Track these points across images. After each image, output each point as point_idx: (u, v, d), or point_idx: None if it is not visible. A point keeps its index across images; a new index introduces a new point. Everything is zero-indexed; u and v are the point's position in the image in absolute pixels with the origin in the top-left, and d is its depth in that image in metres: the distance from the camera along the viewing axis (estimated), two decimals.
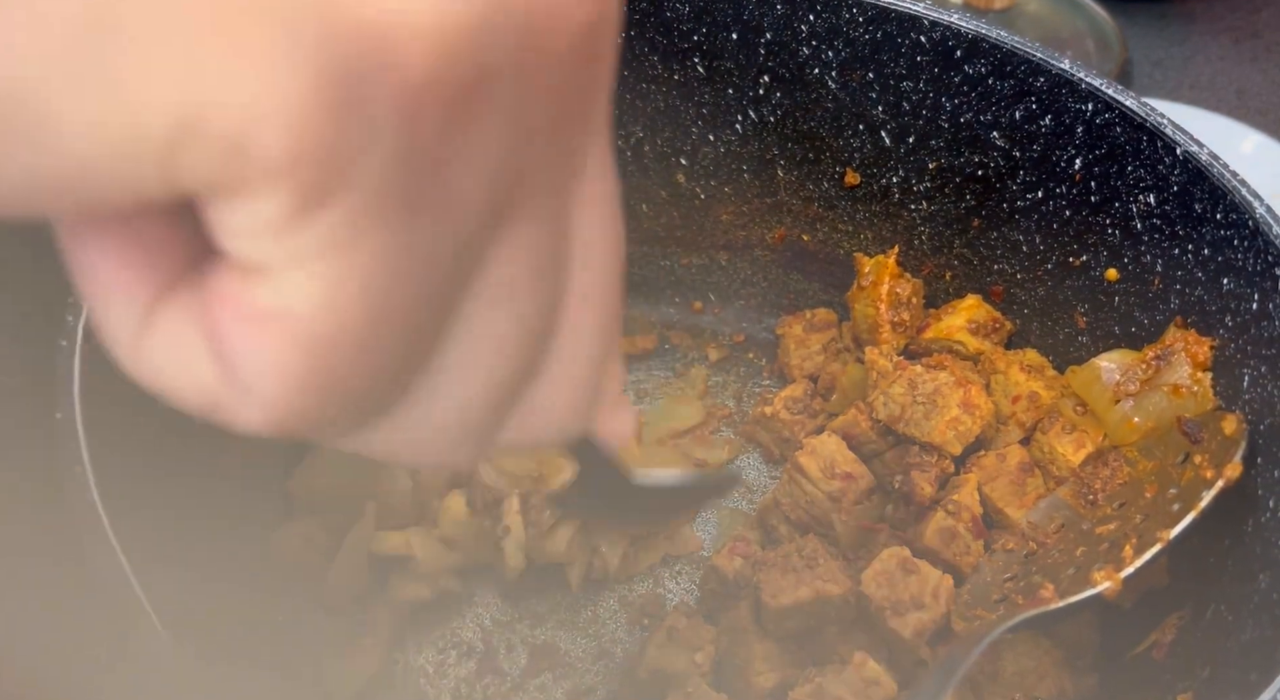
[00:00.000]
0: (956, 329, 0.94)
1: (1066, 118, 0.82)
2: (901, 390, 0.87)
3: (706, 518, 0.99)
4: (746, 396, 1.09)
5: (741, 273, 1.11)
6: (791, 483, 0.90)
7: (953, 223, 0.95)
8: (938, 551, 0.82)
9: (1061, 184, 0.85)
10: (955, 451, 0.86)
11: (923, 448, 0.87)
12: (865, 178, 0.96)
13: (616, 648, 0.90)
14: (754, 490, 1.00)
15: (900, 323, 0.95)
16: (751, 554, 0.87)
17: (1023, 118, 0.84)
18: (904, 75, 0.87)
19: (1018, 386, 0.88)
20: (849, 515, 0.88)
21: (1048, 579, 0.75)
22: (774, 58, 0.90)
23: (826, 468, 0.88)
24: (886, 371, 0.90)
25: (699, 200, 1.05)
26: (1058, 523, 0.81)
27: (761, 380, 1.09)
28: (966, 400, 0.86)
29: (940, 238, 0.97)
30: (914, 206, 0.96)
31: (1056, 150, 0.84)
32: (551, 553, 0.88)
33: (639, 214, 1.06)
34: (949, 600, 0.79)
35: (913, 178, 0.94)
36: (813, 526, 0.89)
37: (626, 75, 0.93)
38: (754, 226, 1.07)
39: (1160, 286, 0.81)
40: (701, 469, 0.99)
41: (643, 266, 1.12)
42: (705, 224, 1.07)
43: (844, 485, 0.87)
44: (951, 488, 0.87)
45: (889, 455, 0.90)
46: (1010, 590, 0.78)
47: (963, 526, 0.83)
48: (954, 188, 0.92)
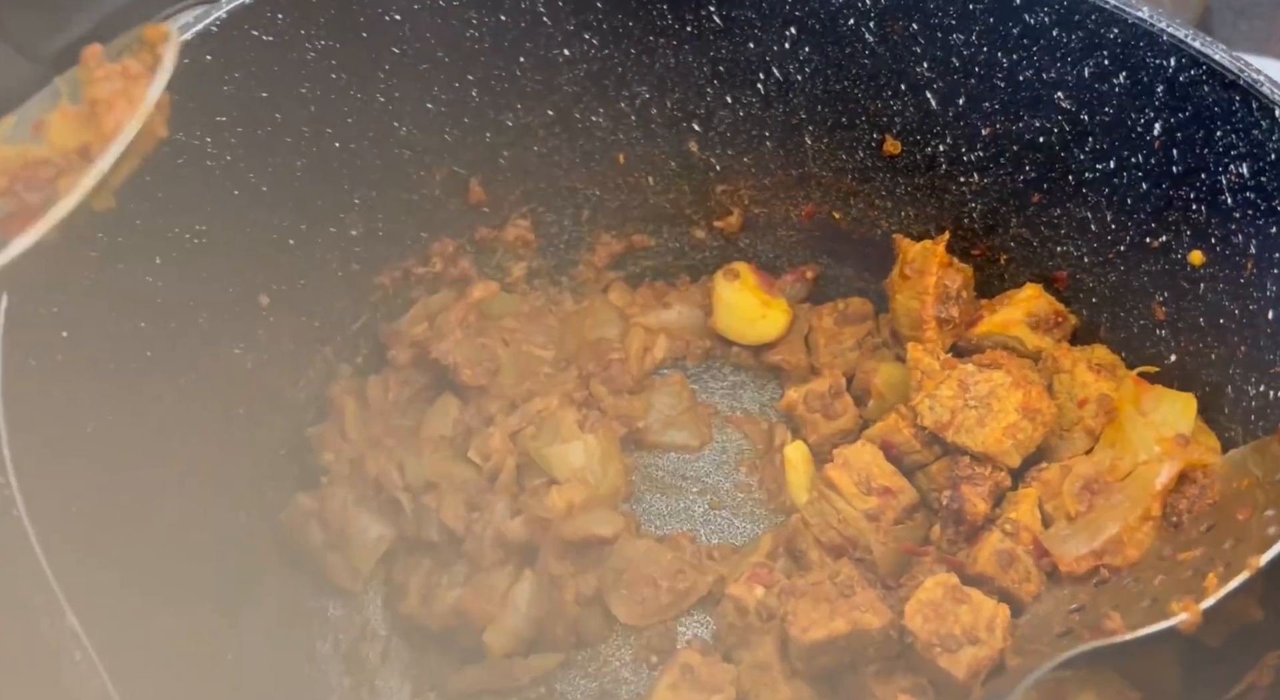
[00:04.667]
0: (1013, 323, 0.93)
1: (1144, 75, 0.80)
2: (950, 392, 0.87)
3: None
4: (766, 402, 1.09)
5: (763, 256, 1.10)
6: (822, 500, 0.90)
7: (1009, 198, 0.94)
8: (993, 578, 0.81)
9: (1137, 152, 0.84)
10: (1013, 463, 0.86)
11: (975, 459, 0.86)
12: (907, 146, 0.95)
13: (621, 689, 0.90)
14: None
15: (948, 319, 0.95)
16: (776, 582, 0.86)
17: (1093, 75, 0.83)
18: (953, 26, 0.86)
19: (1085, 388, 0.87)
20: (888, 536, 0.87)
21: (1118, 610, 0.74)
22: (802, 6, 0.89)
23: (862, 482, 0.88)
24: (932, 371, 0.89)
25: (714, 172, 1.04)
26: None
27: (777, 381, 1.07)
28: (1026, 404, 0.85)
29: (994, 216, 0.96)
30: (964, 179, 0.95)
31: (1132, 113, 0.82)
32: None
33: (643, 188, 1.05)
34: (1005, 634, 0.78)
35: (962, 146, 0.93)
36: (847, 550, 0.89)
37: (631, 26, 0.92)
38: (778, 202, 1.06)
39: (1254, 272, 0.79)
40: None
41: (646, 251, 1.11)
42: (721, 200, 1.06)
43: (882, 502, 0.87)
44: (1008, 505, 0.86)
45: (935, 467, 0.90)
46: (1076, 623, 0.77)
47: (1022, 549, 0.82)
48: (1011, 157, 0.91)
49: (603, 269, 1.11)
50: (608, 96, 0.97)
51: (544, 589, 0.92)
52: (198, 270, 0.84)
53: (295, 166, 0.88)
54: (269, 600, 0.92)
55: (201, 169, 0.81)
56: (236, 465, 0.91)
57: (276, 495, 0.96)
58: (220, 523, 0.89)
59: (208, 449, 0.87)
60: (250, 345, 0.91)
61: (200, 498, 0.86)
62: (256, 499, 0.94)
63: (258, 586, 0.93)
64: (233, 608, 0.88)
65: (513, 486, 0.96)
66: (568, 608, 0.91)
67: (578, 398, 1.02)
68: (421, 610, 0.93)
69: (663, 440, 1.06)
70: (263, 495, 0.95)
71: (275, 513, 0.96)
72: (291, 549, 0.95)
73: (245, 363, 0.91)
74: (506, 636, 0.91)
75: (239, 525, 0.92)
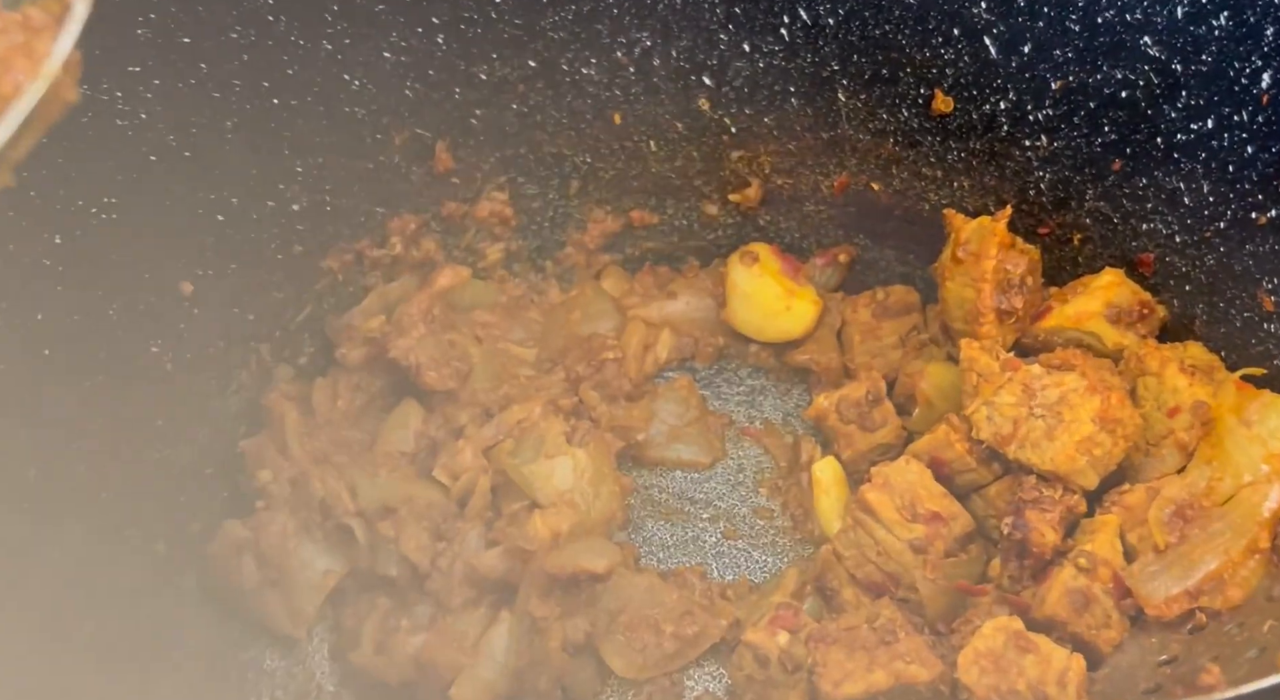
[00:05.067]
0: (1089, 315, 0.93)
1: (1250, 14, 0.79)
2: (1012, 399, 0.86)
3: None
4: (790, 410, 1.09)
5: (787, 236, 1.10)
6: (857, 528, 0.89)
7: (1084, 165, 0.93)
8: (1065, 622, 0.81)
9: (1242, 109, 0.83)
10: (1089, 484, 0.85)
11: (1042, 479, 0.86)
12: (961, 103, 0.95)
13: None
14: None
15: (1010, 311, 0.95)
16: (802, 626, 0.86)
17: (1187, 16, 0.82)
18: None
19: (1177, 394, 0.86)
20: (937, 572, 0.87)
21: (1218, 662, 0.74)
22: None
23: (905, 506, 0.88)
24: (991, 373, 0.88)
25: (728, 135, 1.03)
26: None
27: (802, 388, 1.08)
28: (1105, 413, 0.84)
29: (1066, 186, 0.95)
30: (1029, 143, 0.94)
31: (1236, 62, 0.81)
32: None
33: (644, 155, 1.05)
34: (1080, 690, 0.77)
35: (1028, 102, 0.92)
36: (887, 588, 0.89)
37: None
38: (804, 171, 1.05)
39: None
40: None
41: (648, 229, 1.11)
42: (737, 169, 1.06)
43: (930, 530, 0.87)
44: (1083, 535, 0.85)
45: (994, 489, 0.90)
46: (1167, 678, 0.77)
47: (1099, 588, 0.82)
48: (1087, 116, 0.90)
49: (595, 251, 1.12)
50: (601, 44, 0.96)
51: (524, 634, 0.92)
52: (106, 252, 0.83)
53: (224, 128, 0.88)
54: (191, 650, 0.92)
55: (110, 129, 0.81)
56: (152, 488, 0.91)
57: (202, 524, 0.96)
58: (132, 558, 0.89)
59: (117, 469, 0.87)
60: (170, 342, 0.91)
61: (107, 527, 0.86)
62: (176, 529, 0.94)
63: (177, 635, 0.92)
64: (146, 661, 0.88)
65: (487, 512, 0.96)
66: (553, 657, 0.91)
67: (565, 405, 1.03)
68: (377, 660, 0.93)
69: (667, 456, 1.07)
70: (184, 524, 0.95)
71: (200, 544, 0.96)
72: (220, 588, 0.95)
73: (164, 363, 0.91)
74: (479, 691, 0.91)
75: (155, 560, 0.92)
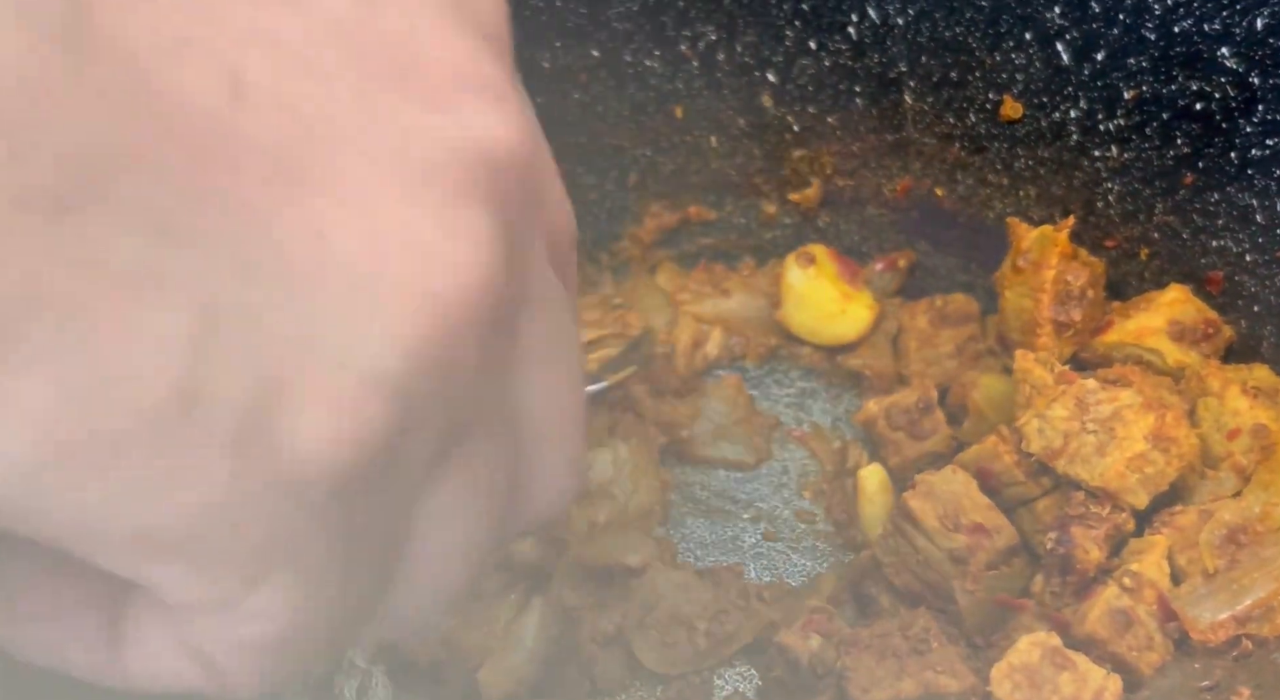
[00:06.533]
0: (1151, 331, 0.92)
1: None
2: (1065, 413, 0.85)
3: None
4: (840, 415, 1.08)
5: (846, 238, 1.10)
6: (897, 535, 0.89)
7: (1155, 178, 0.92)
8: (1105, 642, 0.80)
9: None
10: (1138, 503, 0.84)
11: (1091, 495, 0.84)
12: (1031, 109, 0.94)
13: None
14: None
15: (1068, 323, 0.94)
16: (835, 631, 0.87)
17: (1268, 28, 0.81)
18: None
19: (1237, 416, 0.85)
20: (978, 584, 0.86)
21: (1260, 690, 0.74)
22: None
23: (949, 516, 0.87)
24: (1044, 385, 0.87)
25: (790, 133, 1.03)
26: None
27: (856, 392, 1.07)
28: (1159, 431, 0.83)
29: (1136, 199, 0.94)
30: (1099, 153, 0.94)
31: None
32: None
33: (704, 150, 1.05)
34: None
35: (1099, 111, 0.91)
36: (925, 597, 0.89)
37: None
38: (867, 173, 1.05)
39: None
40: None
41: (705, 225, 1.11)
42: (798, 168, 1.06)
43: (972, 541, 0.86)
44: (1130, 554, 0.84)
45: (1041, 504, 0.89)
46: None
47: (1143, 609, 0.81)
48: (1159, 127, 0.90)
49: (650, 245, 1.12)
50: (665, 36, 0.97)
51: (555, 623, 0.92)
52: None
53: None
54: None
55: None
56: None
57: None
58: None
59: None
60: None
61: None
62: None
63: None
64: None
65: None
66: (583, 647, 0.91)
67: (610, 397, 1.03)
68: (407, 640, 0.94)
69: (711, 454, 1.06)
70: None
71: None
72: None
73: None
74: (506, 676, 0.91)
75: None
